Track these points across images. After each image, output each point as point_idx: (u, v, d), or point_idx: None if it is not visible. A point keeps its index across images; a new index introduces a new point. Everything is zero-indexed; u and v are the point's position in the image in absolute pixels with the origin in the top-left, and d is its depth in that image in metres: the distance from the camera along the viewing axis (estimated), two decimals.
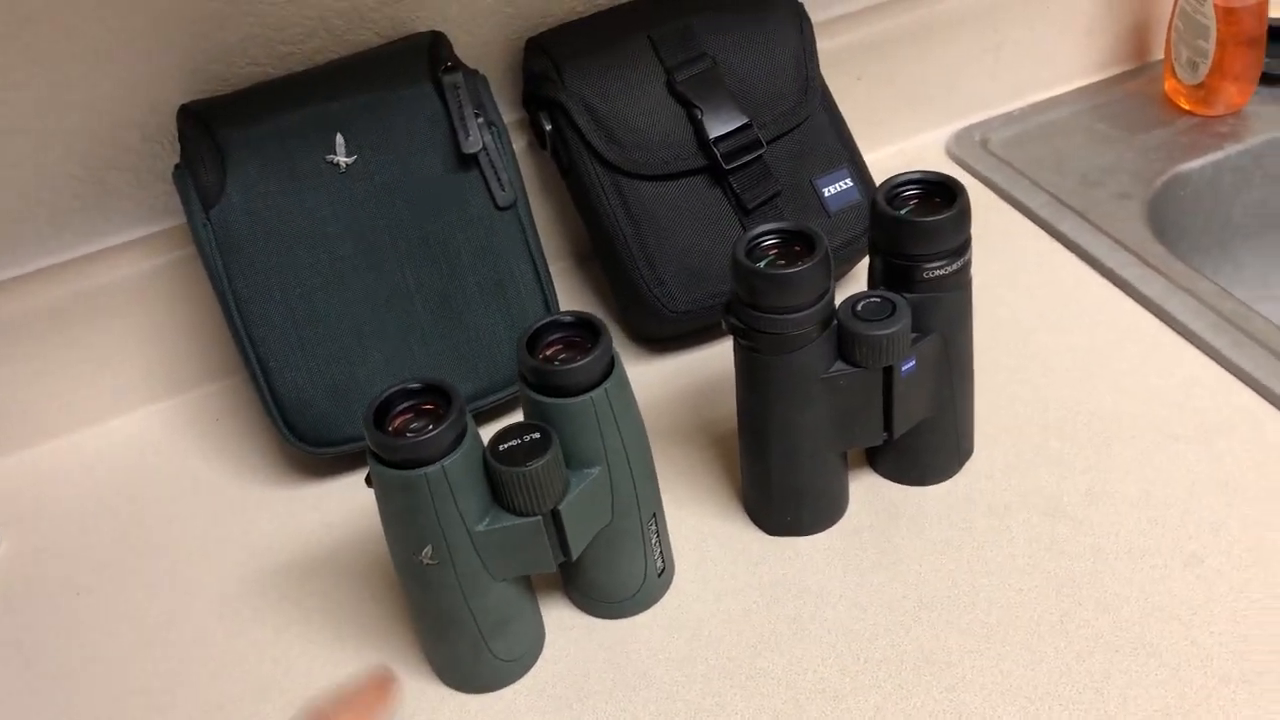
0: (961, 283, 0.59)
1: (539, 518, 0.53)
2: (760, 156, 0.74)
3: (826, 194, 0.75)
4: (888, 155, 0.91)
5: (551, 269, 0.84)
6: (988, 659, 0.56)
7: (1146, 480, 0.64)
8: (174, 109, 0.72)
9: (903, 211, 0.58)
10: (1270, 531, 0.60)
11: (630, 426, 0.55)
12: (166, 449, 0.76)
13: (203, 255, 0.67)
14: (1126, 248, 0.79)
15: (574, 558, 0.56)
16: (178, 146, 0.70)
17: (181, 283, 0.76)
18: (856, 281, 0.80)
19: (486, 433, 0.54)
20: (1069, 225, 0.82)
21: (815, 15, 0.83)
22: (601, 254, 0.78)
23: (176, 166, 0.68)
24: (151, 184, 0.75)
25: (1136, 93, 0.94)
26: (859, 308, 0.58)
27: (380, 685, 0.55)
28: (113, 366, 0.76)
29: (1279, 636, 0.55)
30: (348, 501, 0.70)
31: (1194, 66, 0.89)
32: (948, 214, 0.56)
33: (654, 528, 0.59)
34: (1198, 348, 0.71)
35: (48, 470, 0.75)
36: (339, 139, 0.68)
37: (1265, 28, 0.86)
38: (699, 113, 0.73)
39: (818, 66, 0.77)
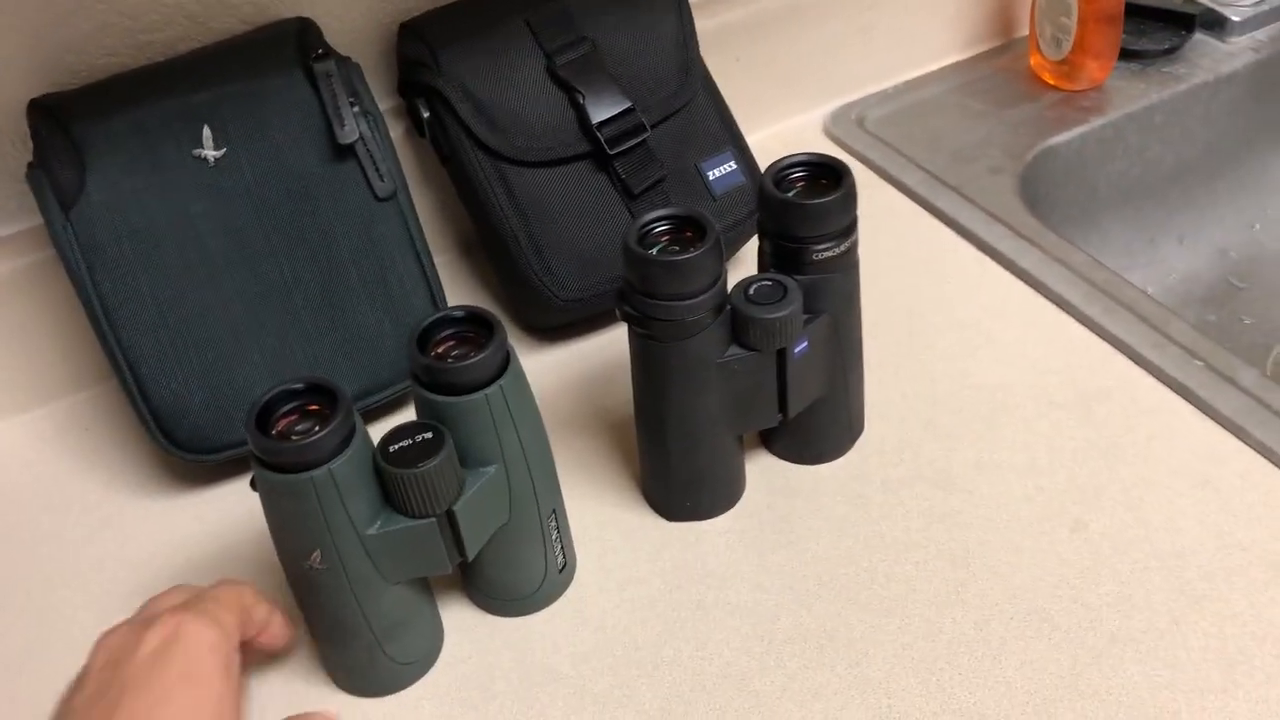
0: (850, 263, 0.60)
1: (433, 519, 0.52)
2: (644, 141, 0.73)
3: (711, 177, 0.75)
4: (767, 136, 0.92)
5: (437, 260, 0.82)
6: (888, 633, 0.57)
7: (1031, 449, 0.66)
8: (23, 104, 0.67)
9: (790, 194, 0.58)
10: (1149, 492, 0.63)
11: (528, 423, 0.54)
12: (33, 462, 0.72)
13: (64, 258, 0.63)
14: (1001, 221, 0.81)
15: (470, 558, 0.55)
16: (30, 144, 0.66)
17: (41, 287, 0.72)
18: (743, 264, 0.80)
19: (376, 432, 0.53)
20: (945, 201, 0.83)
21: None
22: (487, 244, 0.76)
23: (30, 165, 0.64)
24: (3, 183, 0.71)
25: (1004, 69, 0.97)
26: (751, 291, 0.58)
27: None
28: None
29: (1160, 594, 0.58)
30: (231, 509, 0.67)
31: (1057, 43, 0.91)
32: (834, 195, 0.57)
33: (554, 523, 0.58)
34: (1073, 317, 0.74)
35: None
36: (206, 131, 0.65)
37: (1123, 5, 0.89)
38: (581, 97, 0.72)
39: (698, 48, 0.77)
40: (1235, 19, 0.96)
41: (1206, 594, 0.57)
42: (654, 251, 0.56)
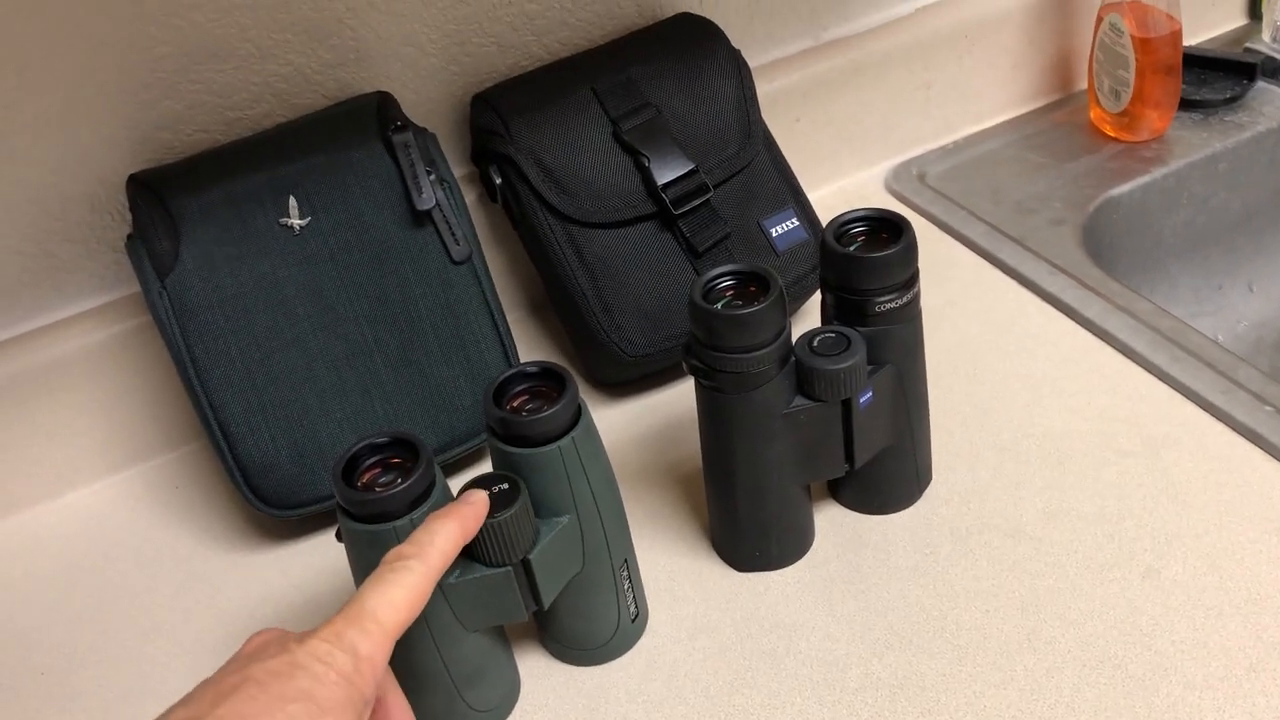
0: (912, 314, 0.61)
1: (509, 568, 0.53)
2: (708, 200, 0.75)
3: (774, 234, 0.77)
4: (830, 193, 0.93)
5: (510, 319, 0.85)
6: (959, 681, 0.58)
7: (1100, 496, 0.66)
8: (123, 179, 0.72)
9: (851, 248, 0.59)
10: (1221, 539, 0.62)
11: (599, 474, 0.56)
12: (126, 520, 0.75)
13: (159, 323, 0.67)
14: (1064, 271, 0.81)
15: (545, 607, 0.56)
16: (129, 216, 0.70)
17: (136, 351, 0.75)
18: (807, 317, 0.81)
19: (454, 485, 0.55)
20: (1008, 253, 0.84)
21: (751, 60, 0.85)
22: (557, 302, 0.79)
23: (129, 236, 0.68)
24: (102, 254, 0.75)
25: (1064, 122, 0.98)
26: (815, 343, 0.60)
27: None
28: (68, 439, 0.76)
29: (1236, 640, 0.57)
30: (316, 562, 0.70)
31: (1116, 95, 0.92)
32: (895, 249, 0.58)
33: (625, 573, 0.59)
34: (1139, 365, 0.74)
35: (4, 549, 0.74)
36: (292, 201, 0.68)
37: (1180, 56, 0.90)
38: (646, 160, 0.75)
39: (758, 110, 0.79)
40: None
41: None
42: (719, 306, 0.57)
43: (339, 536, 0.53)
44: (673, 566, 0.66)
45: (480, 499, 0.52)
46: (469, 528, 0.51)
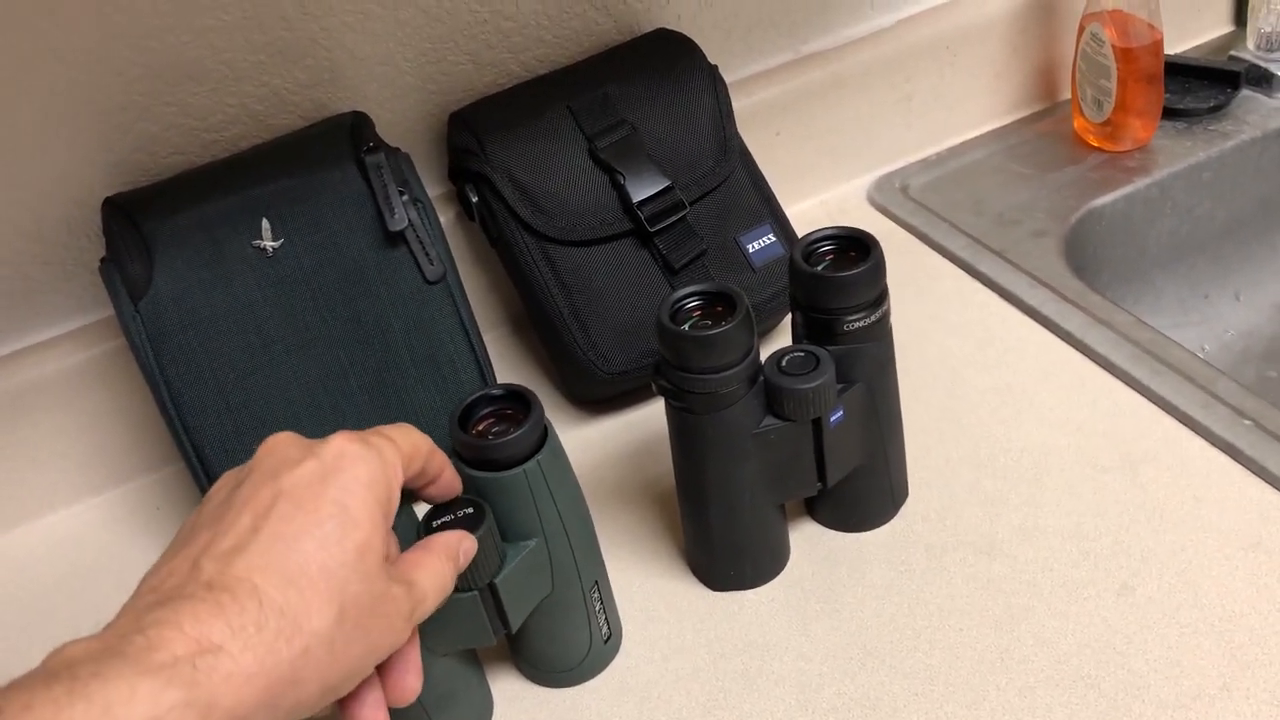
0: (881, 332, 0.61)
1: (475, 592, 0.53)
2: (684, 217, 0.75)
3: (751, 250, 0.77)
4: (812, 206, 0.93)
5: (489, 337, 0.85)
6: (932, 701, 0.57)
7: (1077, 513, 0.65)
8: (99, 201, 0.72)
9: (819, 267, 0.59)
10: (1197, 555, 0.62)
11: (567, 497, 0.56)
12: (107, 542, 0.75)
13: (133, 346, 0.67)
14: (1045, 284, 0.81)
15: (514, 631, 0.56)
16: (103, 239, 0.70)
17: (115, 374, 0.75)
18: (785, 334, 0.81)
19: (429, 506, 0.55)
20: (988, 265, 0.84)
21: (729, 75, 0.85)
22: (535, 320, 0.79)
23: (103, 260, 0.68)
24: (80, 276, 0.75)
25: (1047, 132, 0.97)
26: (784, 363, 0.59)
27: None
28: (47, 462, 0.76)
29: (1210, 659, 0.57)
30: None
31: (1099, 105, 0.92)
32: (862, 268, 0.58)
33: (597, 595, 0.59)
34: (1119, 378, 0.73)
35: None
36: (265, 224, 0.68)
37: (1162, 65, 0.90)
38: (621, 178, 0.74)
39: (734, 126, 0.79)
40: None
41: (1258, 659, 0.56)
42: (686, 327, 0.57)
43: None
44: (647, 586, 0.66)
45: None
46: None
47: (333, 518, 0.44)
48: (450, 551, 0.50)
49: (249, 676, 0.40)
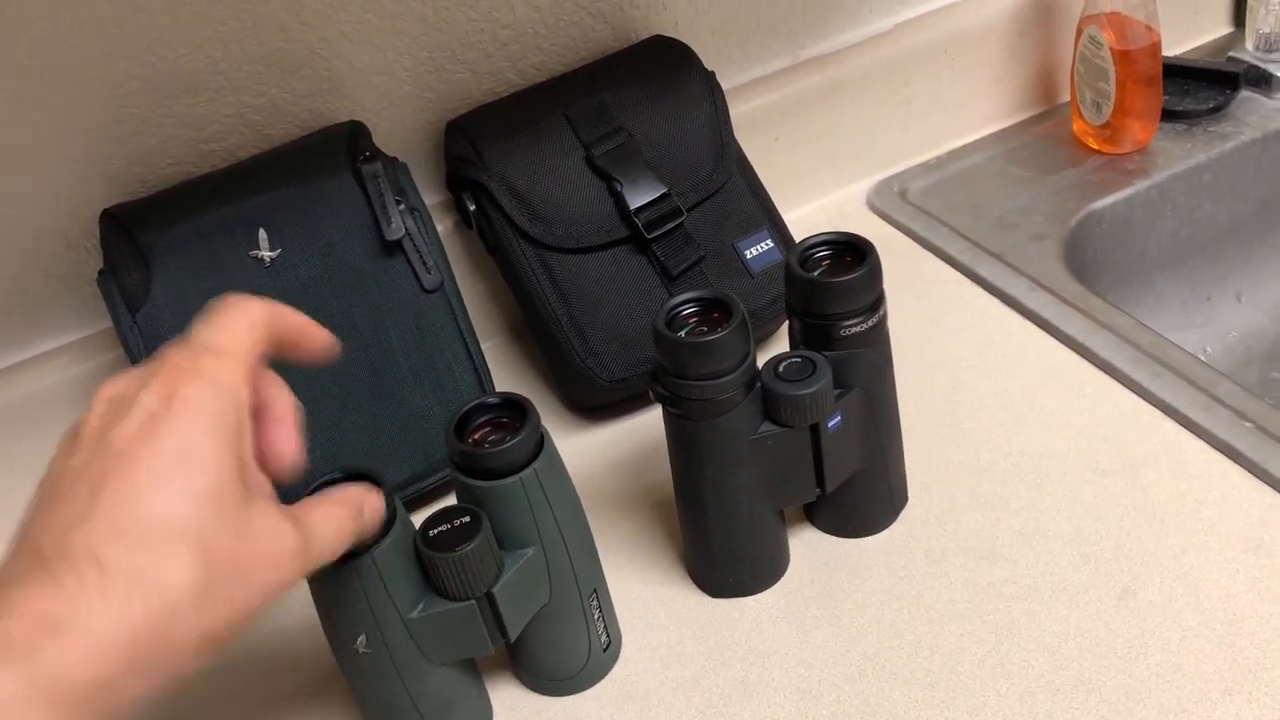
0: (878, 337, 0.61)
1: (473, 602, 0.53)
2: (681, 224, 0.75)
3: (748, 255, 0.77)
4: (811, 211, 0.93)
5: (488, 345, 0.85)
6: (932, 708, 0.57)
7: (1077, 517, 0.65)
8: (97, 213, 0.72)
9: (815, 273, 0.59)
10: (1199, 559, 0.62)
11: (564, 505, 0.56)
12: None
13: (131, 358, 0.67)
14: (1045, 287, 0.81)
15: (512, 639, 0.56)
16: (101, 251, 0.70)
17: None
18: (783, 339, 0.81)
19: (427, 515, 0.54)
20: (988, 269, 0.84)
21: (726, 82, 0.85)
22: (533, 328, 0.79)
23: (100, 272, 0.69)
24: (78, 289, 0.75)
25: (1046, 135, 0.97)
26: (781, 369, 0.59)
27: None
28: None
29: (1211, 663, 0.57)
30: (289, 593, 0.69)
31: (1098, 107, 0.91)
32: (858, 273, 0.58)
33: (595, 603, 0.59)
34: (1119, 382, 0.73)
35: None
36: (261, 234, 0.69)
37: (1160, 67, 0.90)
38: (618, 185, 0.74)
39: (731, 132, 0.79)
40: None
41: (1260, 662, 0.56)
42: (682, 333, 0.57)
43: None
44: (646, 594, 0.66)
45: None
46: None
47: (175, 468, 0.41)
48: (351, 500, 0.48)
49: (101, 646, 0.38)
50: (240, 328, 0.46)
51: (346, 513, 0.48)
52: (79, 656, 0.37)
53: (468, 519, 0.53)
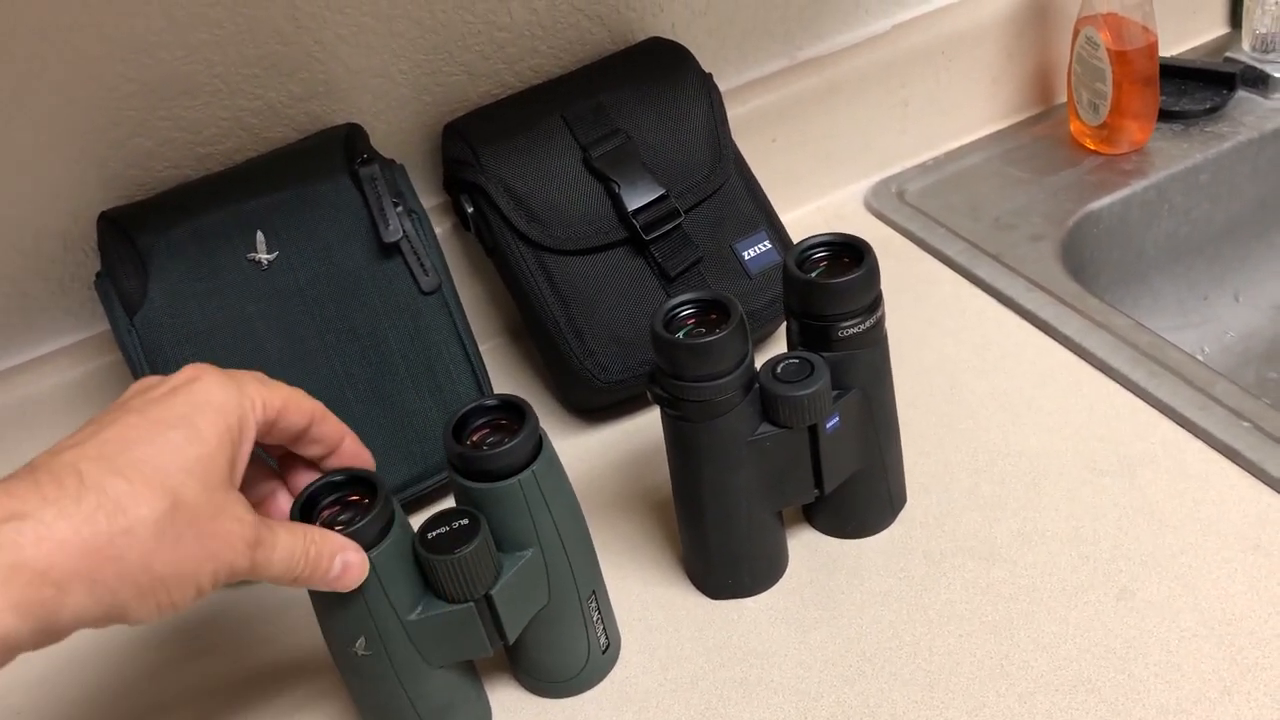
0: (877, 338, 0.61)
1: (471, 604, 0.53)
2: (679, 225, 0.75)
3: (746, 257, 0.77)
4: (809, 213, 0.93)
5: (487, 346, 0.85)
6: (931, 709, 0.57)
7: (1075, 517, 0.65)
8: (94, 216, 0.72)
9: (813, 274, 0.59)
10: (1197, 558, 0.62)
11: (562, 507, 0.56)
12: None
13: (129, 361, 0.67)
14: (1042, 288, 0.81)
15: (510, 642, 0.56)
16: (98, 254, 0.70)
17: (112, 388, 0.75)
18: (781, 340, 0.81)
19: (425, 517, 0.54)
20: (985, 270, 0.84)
21: (724, 83, 0.85)
22: (532, 329, 0.79)
23: (98, 275, 0.69)
24: (76, 291, 0.75)
25: (1044, 136, 0.97)
26: (779, 370, 0.59)
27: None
28: None
29: (1210, 662, 0.57)
30: (287, 594, 0.69)
31: (1095, 108, 0.92)
32: (856, 274, 0.58)
33: (594, 605, 0.59)
34: (1117, 382, 0.73)
35: None
36: (259, 236, 0.68)
37: (1157, 67, 0.90)
38: (616, 187, 0.74)
39: (729, 133, 0.79)
40: (1278, 75, 0.95)
41: (1259, 661, 0.56)
42: (680, 335, 0.57)
43: None
44: (646, 595, 0.66)
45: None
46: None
47: (176, 427, 0.45)
48: (328, 548, 0.49)
49: (61, 542, 0.41)
50: (284, 391, 0.51)
51: (314, 553, 0.49)
52: (40, 549, 0.40)
53: (466, 521, 0.53)
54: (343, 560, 0.50)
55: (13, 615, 0.40)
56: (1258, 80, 0.96)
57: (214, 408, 0.47)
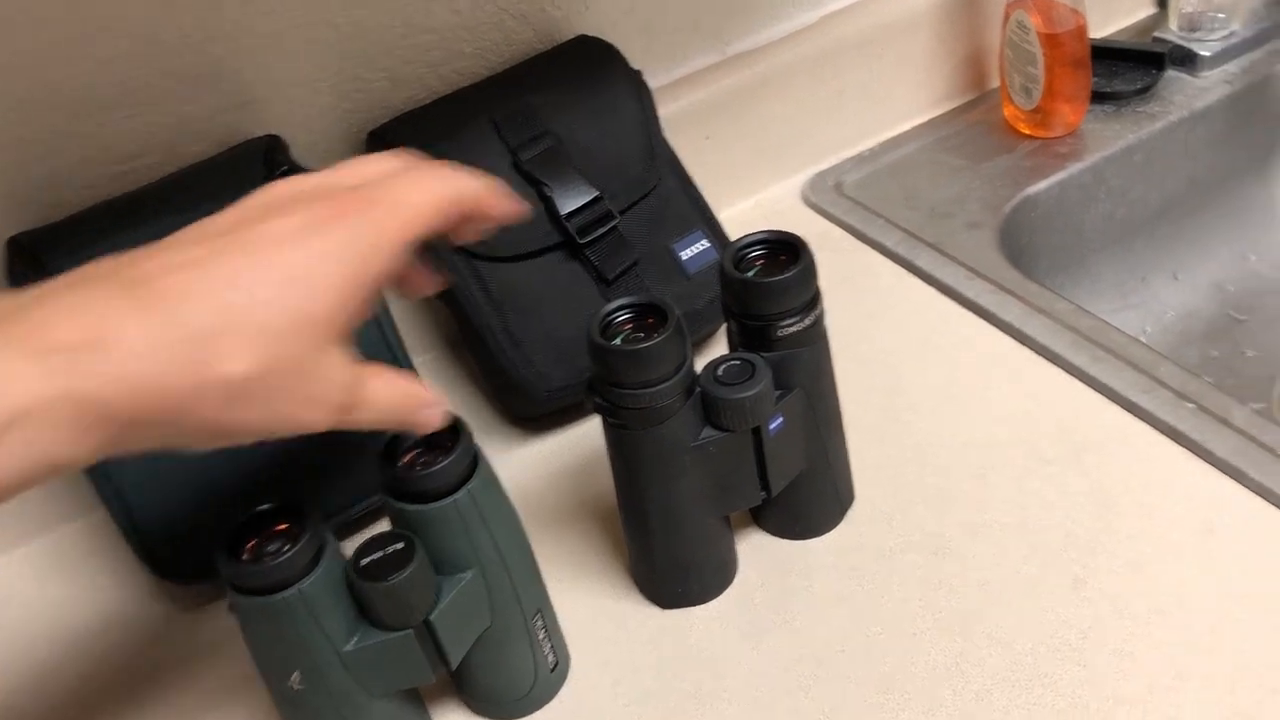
0: (817, 336, 0.60)
1: (410, 631, 0.51)
2: (614, 227, 0.73)
3: (684, 257, 0.75)
4: (746, 209, 0.92)
5: (423, 359, 0.83)
6: (887, 711, 0.56)
7: (1024, 507, 0.65)
8: (3, 242, 0.69)
9: (749, 274, 0.58)
10: (1148, 543, 0.61)
11: (502, 525, 0.54)
12: (31, 596, 0.72)
13: None
14: (982, 275, 0.80)
15: (454, 667, 0.54)
16: (8, 281, 0.67)
17: None
18: (722, 341, 0.80)
19: (360, 541, 0.52)
20: (925, 259, 0.83)
21: (654, 80, 0.84)
22: (468, 339, 0.77)
23: None
24: None
25: (979, 122, 0.97)
26: (720, 372, 0.58)
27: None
28: None
29: (1164, 649, 0.56)
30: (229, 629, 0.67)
31: (1028, 92, 0.91)
32: (792, 272, 0.57)
33: (540, 623, 0.57)
34: (1060, 367, 0.73)
35: None
36: None
37: (1088, 49, 0.90)
38: (548, 190, 0.73)
39: (661, 132, 0.78)
40: (1205, 54, 0.96)
41: (1213, 646, 0.56)
42: (617, 340, 0.56)
43: (231, 609, 0.51)
44: (594, 607, 0.64)
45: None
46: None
47: (291, 281, 0.42)
48: (413, 395, 0.49)
49: (134, 389, 0.38)
50: (439, 201, 0.47)
51: (406, 393, 0.48)
52: (114, 385, 0.38)
53: (401, 545, 0.51)
54: (427, 410, 0.49)
55: (68, 447, 0.38)
56: (1185, 59, 0.97)
57: (346, 263, 0.43)
